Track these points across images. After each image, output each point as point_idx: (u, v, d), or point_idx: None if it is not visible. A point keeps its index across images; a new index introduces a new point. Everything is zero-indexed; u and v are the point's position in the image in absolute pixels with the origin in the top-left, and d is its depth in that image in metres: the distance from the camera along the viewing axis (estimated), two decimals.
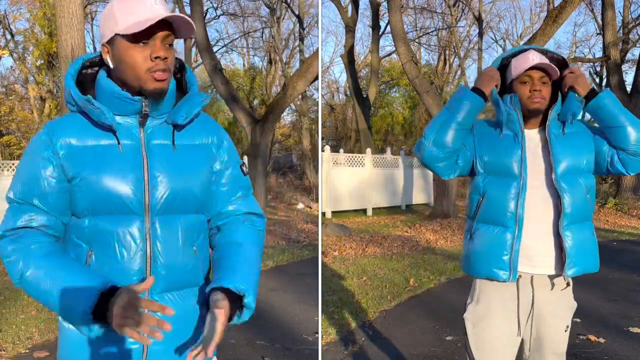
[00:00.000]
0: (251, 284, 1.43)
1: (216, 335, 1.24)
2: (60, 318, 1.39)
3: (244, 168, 1.55)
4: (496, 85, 1.95)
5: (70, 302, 1.22)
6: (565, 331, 1.97)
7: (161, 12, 1.28)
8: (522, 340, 1.98)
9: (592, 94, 1.89)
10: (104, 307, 1.18)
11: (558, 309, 1.94)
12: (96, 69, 1.42)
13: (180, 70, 1.47)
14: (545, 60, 1.87)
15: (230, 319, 1.33)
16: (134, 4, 1.28)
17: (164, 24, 1.29)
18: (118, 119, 1.35)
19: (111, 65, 1.34)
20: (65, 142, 1.33)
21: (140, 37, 1.27)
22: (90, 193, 1.31)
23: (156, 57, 1.28)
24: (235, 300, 1.35)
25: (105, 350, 1.34)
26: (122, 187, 1.31)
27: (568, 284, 1.97)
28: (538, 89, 1.86)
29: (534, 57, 1.88)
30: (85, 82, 1.40)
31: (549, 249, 1.88)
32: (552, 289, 1.93)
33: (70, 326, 1.36)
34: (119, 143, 1.34)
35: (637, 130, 1.85)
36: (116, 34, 1.29)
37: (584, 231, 1.92)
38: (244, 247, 1.47)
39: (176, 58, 1.45)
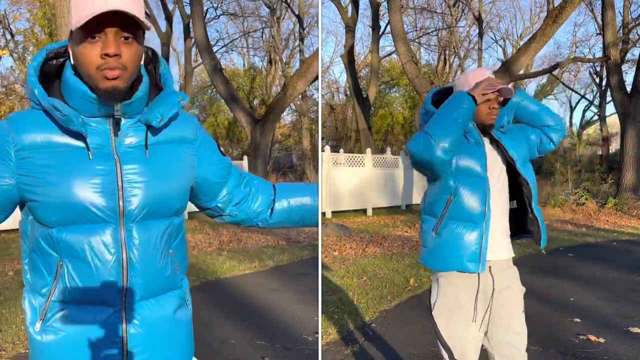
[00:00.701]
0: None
1: None
2: (30, 330, 1.32)
3: (221, 149, 1.53)
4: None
5: None
6: (522, 312, 2.17)
7: (114, 3, 1.14)
8: (488, 325, 2.13)
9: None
10: None
11: (515, 290, 2.16)
12: (62, 60, 1.31)
13: (153, 62, 1.36)
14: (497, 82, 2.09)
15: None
16: None
17: (124, 17, 1.16)
18: (88, 120, 1.25)
19: (72, 62, 1.25)
20: (28, 141, 1.23)
21: (92, 31, 1.16)
22: (57, 202, 1.21)
23: (105, 54, 1.16)
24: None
25: (83, 358, 1.29)
26: (93, 195, 1.22)
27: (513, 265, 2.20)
28: (496, 107, 2.08)
29: (487, 73, 2.13)
30: (50, 74, 1.29)
31: (505, 237, 2.14)
32: (508, 270, 2.16)
33: (42, 338, 1.29)
34: (88, 150, 1.24)
35: (547, 109, 2.24)
36: (73, 29, 1.19)
37: (539, 209, 2.19)
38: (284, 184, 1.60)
39: (147, 47, 1.34)
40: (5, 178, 1.23)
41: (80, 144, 1.24)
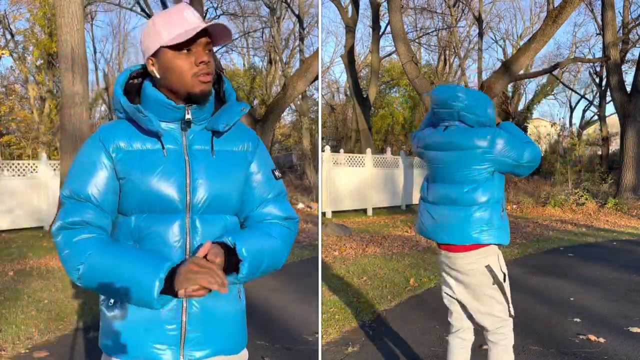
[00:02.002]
0: (248, 242, 1.44)
1: (209, 260, 1.32)
2: (102, 306, 1.49)
3: (276, 172, 1.64)
4: None
5: (141, 276, 1.30)
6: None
7: (199, 23, 1.42)
8: None
9: None
10: (169, 282, 1.30)
11: None
12: (140, 80, 1.54)
13: (217, 81, 1.58)
14: None
15: (226, 271, 1.39)
16: (176, 18, 1.42)
17: (203, 33, 1.42)
18: (162, 125, 1.47)
19: (157, 76, 1.46)
20: (116, 146, 1.45)
21: (184, 46, 1.40)
22: (137, 193, 1.42)
23: (201, 62, 1.41)
24: (232, 256, 1.40)
25: (144, 336, 1.43)
26: (167, 188, 1.42)
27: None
28: None
29: None
30: (130, 92, 1.52)
31: None
32: None
33: (114, 312, 1.45)
34: (163, 148, 1.45)
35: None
36: (161, 46, 1.42)
37: None
38: (265, 231, 1.53)
39: (216, 69, 1.57)
40: (115, 180, 1.45)
41: (157, 145, 1.46)
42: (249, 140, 1.59)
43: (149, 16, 21.42)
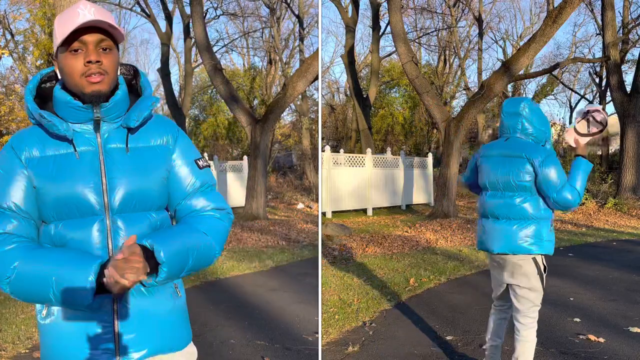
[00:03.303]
0: (169, 244, 1.39)
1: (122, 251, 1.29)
2: (38, 317, 1.47)
3: (200, 162, 1.59)
4: None
5: (71, 278, 1.29)
6: None
7: (87, 17, 1.35)
8: None
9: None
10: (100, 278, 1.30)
11: None
12: (54, 82, 1.51)
13: (135, 76, 1.56)
14: None
15: (147, 273, 1.35)
16: (68, 16, 1.37)
17: (101, 30, 1.38)
18: (76, 127, 1.44)
19: (59, 77, 1.45)
20: (28, 153, 1.43)
21: (74, 46, 1.37)
22: (53, 200, 1.41)
23: (88, 62, 1.37)
24: (152, 258, 1.37)
25: (79, 343, 1.41)
26: (82, 190, 1.40)
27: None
28: None
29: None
30: (46, 96, 1.49)
31: None
32: None
33: (47, 321, 1.44)
34: (75, 150, 1.43)
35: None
36: (57, 47, 1.40)
37: None
38: (194, 227, 1.49)
39: (129, 65, 1.56)
40: (30, 187, 1.43)
41: (70, 149, 1.43)
42: (169, 133, 1.55)
43: (148, 16, 21.42)
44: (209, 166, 1.64)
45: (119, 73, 1.51)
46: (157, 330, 1.47)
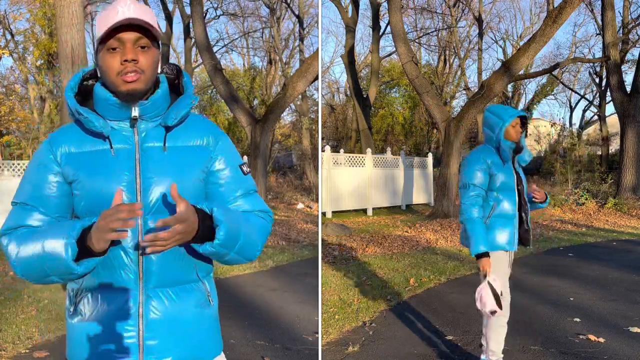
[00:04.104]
0: (227, 213, 1.39)
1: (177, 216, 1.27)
2: (66, 315, 1.47)
3: (244, 167, 1.57)
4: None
5: (54, 241, 1.28)
6: None
7: (126, 14, 1.33)
8: None
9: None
10: (86, 246, 1.29)
11: None
12: (96, 80, 1.50)
13: (178, 75, 1.54)
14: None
15: (200, 240, 1.35)
16: (108, 14, 1.35)
17: (138, 28, 1.36)
18: (114, 124, 1.43)
19: (99, 75, 1.44)
20: (65, 149, 1.44)
21: (112, 44, 1.35)
22: (86, 195, 1.40)
23: (124, 60, 1.35)
24: (208, 220, 1.36)
25: (104, 346, 1.39)
26: (115, 188, 1.37)
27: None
28: (520, 130, 3.06)
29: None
30: (87, 94, 1.48)
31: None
32: None
33: (74, 320, 1.43)
34: (111, 147, 1.41)
35: None
36: (97, 45, 1.39)
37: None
38: (244, 216, 1.47)
39: (173, 64, 1.53)
40: (64, 184, 1.44)
41: (106, 146, 1.42)
42: (209, 135, 1.52)
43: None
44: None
45: (161, 72, 1.50)
46: (183, 339, 1.43)
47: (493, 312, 2.84)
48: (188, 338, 1.44)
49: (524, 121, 3.07)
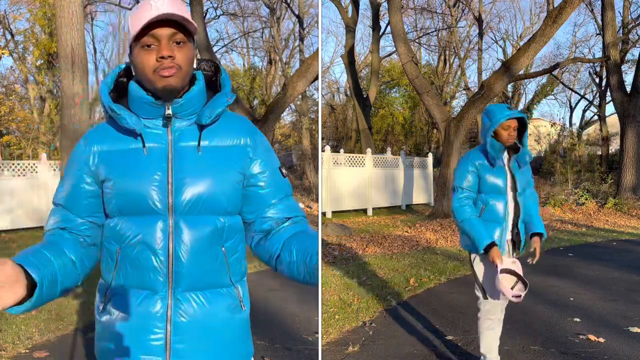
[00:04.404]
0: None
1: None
2: (96, 312, 1.46)
3: (283, 170, 1.54)
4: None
5: None
6: None
7: (160, 9, 1.28)
8: None
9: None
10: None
11: None
12: (130, 77, 1.47)
13: (215, 72, 1.49)
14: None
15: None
16: (142, 10, 1.31)
17: (173, 23, 1.31)
18: (147, 122, 1.40)
19: (133, 73, 1.40)
20: (99, 148, 1.41)
21: (147, 41, 1.31)
22: (117, 195, 1.37)
23: (161, 57, 1.30)
24: None
25: (131, 346, 1.38)
26: (145, 188, 1.35)
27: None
28: (513, 134, 2.93)
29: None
30: (123, 90, 1.45)
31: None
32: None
33: (104, 318, 1.42)
34: (144, 146, 1.38)
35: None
36: (131, 42, 1.35)
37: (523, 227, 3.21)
38: (309, 234, 1.47)
39: (211, 60, 1.50)
40: (95, 185, 1.42)
41: (139, 144, 1.39)
42: (247, 135, 1.47)
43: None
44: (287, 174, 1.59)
45: (197, 68, 1.46)
46: (212, 344, 1.40)
47: (517, 297, 2.84)
48: (217, 343, 1.41)
49: (523, 121, 3.02)
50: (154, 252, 1.35)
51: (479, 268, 3.08)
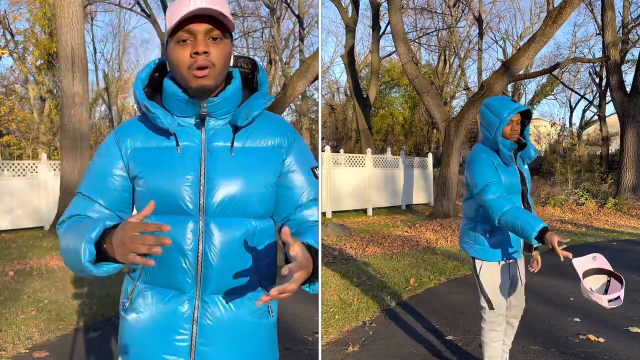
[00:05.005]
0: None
1: (295, 277, 1.13)
2: (121, 309, 1.43)
3: (317, 171, 1.50)
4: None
5: (78, 239, 1.20)
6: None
7: (197, 4, 1.24)
8: None
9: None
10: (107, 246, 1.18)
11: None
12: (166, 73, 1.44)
13: (253, 70, 1.44)
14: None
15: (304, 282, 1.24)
16: (179, 4, 1.27)
17: (210, 19, 1.27)
18: (181, 120, 1.36)
19: (168, 69, 1.36)
20: (131, 144, 1.38)
21: (182, 36, 1.27)
22: (148, 193, 1.34)
23: (195, 53, 1.26)
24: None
25: (155, 345, 1.36)
26: (177, 188, 1.32)
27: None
28: (517, 129, 2.73)
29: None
30: (158, 86, 1.42)
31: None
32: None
33: (129, 317, 1.39)
34: (177, 145, 1.35)
35: None
36: (167, 38, 1.31)
37: None
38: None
39: (249, 57, 1.45)
40: (127, 179, 1.40)
41: (172, 143, 1.35)
42: (283, 135, 1.43)
43: (149, 16, 21.41)
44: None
45: (234, 65, 1.42)
46: (237, 348, 1.37)
47: (614, 300, 2.51)
48: (242, 348, 1.38)
49: (525, 114, 2.80)
50: (183, 254, 1.32)
51: (485, 277, 2.86)
